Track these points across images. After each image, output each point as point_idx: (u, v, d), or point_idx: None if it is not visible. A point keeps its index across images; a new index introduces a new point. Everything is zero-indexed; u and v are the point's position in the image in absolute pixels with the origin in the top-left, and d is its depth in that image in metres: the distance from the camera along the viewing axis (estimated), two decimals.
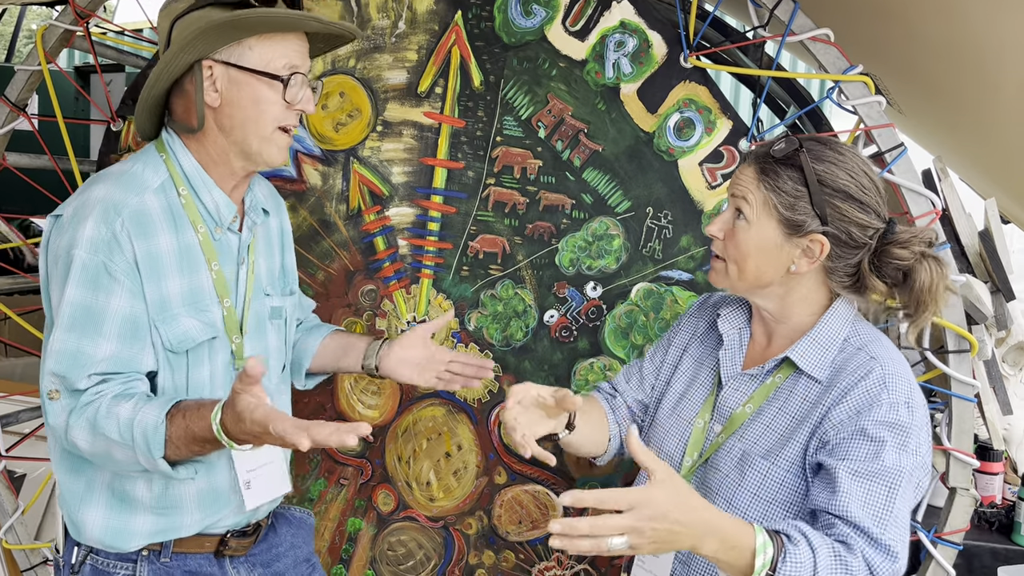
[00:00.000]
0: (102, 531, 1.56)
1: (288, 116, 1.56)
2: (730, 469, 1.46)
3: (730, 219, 1.49)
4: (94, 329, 1.45)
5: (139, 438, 1.40)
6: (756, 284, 1.49)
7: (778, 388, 1.49)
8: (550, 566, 2.28)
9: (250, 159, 1.58)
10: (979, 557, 2.39)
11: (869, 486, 1.32)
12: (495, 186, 2.20)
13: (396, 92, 2.20)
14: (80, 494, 1.57)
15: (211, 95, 1.53)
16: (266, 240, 1.73)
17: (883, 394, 1.37)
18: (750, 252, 1.47)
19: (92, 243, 1.45)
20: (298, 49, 1.56)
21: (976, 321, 1.99)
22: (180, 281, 1.53)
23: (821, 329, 1.48)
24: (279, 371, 1.75)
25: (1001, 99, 2.12)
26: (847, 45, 2.00)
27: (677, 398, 1.64)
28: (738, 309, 1.63)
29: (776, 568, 1.24)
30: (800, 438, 1.42)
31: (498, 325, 2.23)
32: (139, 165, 1.57)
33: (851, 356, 1.44)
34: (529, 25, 2.16)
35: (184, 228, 1.56)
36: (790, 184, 1.44)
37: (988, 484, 2.56)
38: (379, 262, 2.25)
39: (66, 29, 2.22)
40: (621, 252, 2.18)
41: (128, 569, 1.59)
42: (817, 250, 1.45)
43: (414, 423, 2.28)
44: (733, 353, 1.58)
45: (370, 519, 2.32)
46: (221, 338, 1.59)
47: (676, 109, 2.13)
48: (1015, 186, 2.65)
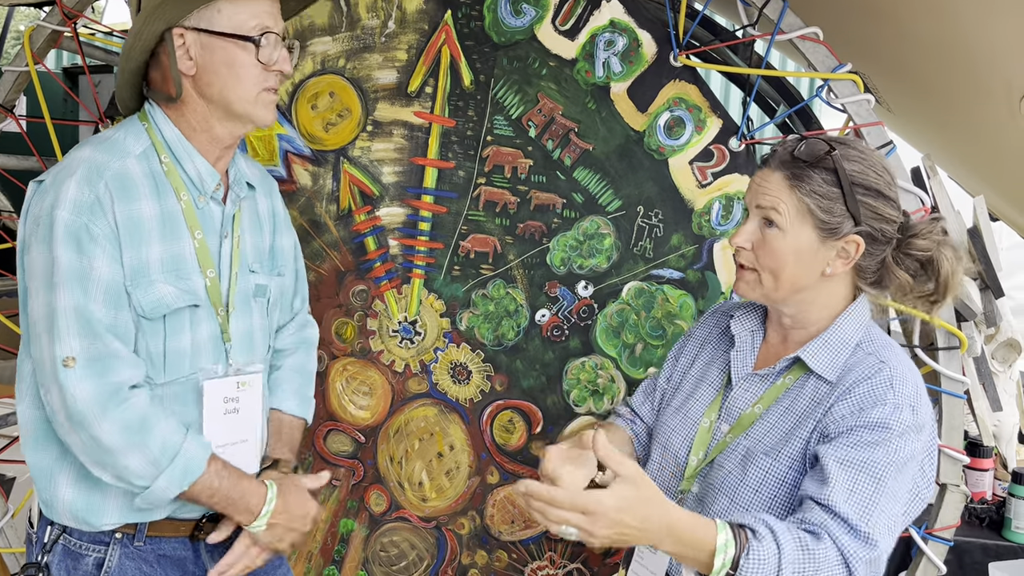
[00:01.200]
0: (73, 507, 1.54)
1: (268, 78, 1.56)
2: (733, 466, 1.46)
3: (756, 229, 1.46)
4: (83, 291, 1.45)
5: (179, 463, 1.49)
6: (792, 291, 1.47)
7: (788, 389, 1.48)
8: (543, 565, 2.28)
9: (237, 121, 1.58)
10: (970, 553, 2.40)
11: (856, 476, 1.31)
12: (486, 185, 2.20)
13: (386, 92, 2.20)
14: (48, 470, 1.55)
15: (185, 63, 1.52)
16: (253, 217, 1.72)
17: (889, 394, 1.36)
18: (787, 261, 1.44)
19: (75, 204, 1.45)
20: (268, 9, 1.55)
21: (965, 318, 2.00)
22: (161, 247, 1.53)
23: (835, 331, 1.47)
24: (265, 352, 1.74)
25: (990, 98, 2.13)
26: (836, 44, 2.00)
27: (684, 398, 1.63)
28: (751, 312, 1.62)
29: (738, 566, 1.24)
30: (802, 434, 1.41)
31: (489, 325, 2.23)
32: (121, 132, 1.57)
33: (862, 359, 1.43)
34: (519, 24, 2.16)
35: (167, 195, 1.55)
36: (825, 187, 1.42)
37: (978, 480, 2.57)
38: (370, 262, 2.25)
39: (54, 30, 2.21)
40: (612, 251, 2.18)
41: (100, 552, 1.57)
42: (853, 250, 1.44)
43: (406, 423, 2.28)
44: (745, 354, 1.57)
45: (362, 520, 2.31)
46: (205, 308, 1.58)
47: (666, 108, 2.13)
48: (1003, 184, 2.66)
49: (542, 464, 1.40)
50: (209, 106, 1.56)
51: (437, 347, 2.25)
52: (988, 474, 2.61)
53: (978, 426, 2.16)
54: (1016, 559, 2.37)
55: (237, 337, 1.64)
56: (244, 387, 1.65)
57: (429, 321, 2.24)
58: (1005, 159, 2.45)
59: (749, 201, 1.49)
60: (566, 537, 1.22)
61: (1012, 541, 2.41)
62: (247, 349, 1.67)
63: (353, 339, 2.26)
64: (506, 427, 2.25)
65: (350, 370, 2.27)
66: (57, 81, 2.78)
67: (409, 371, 2.26)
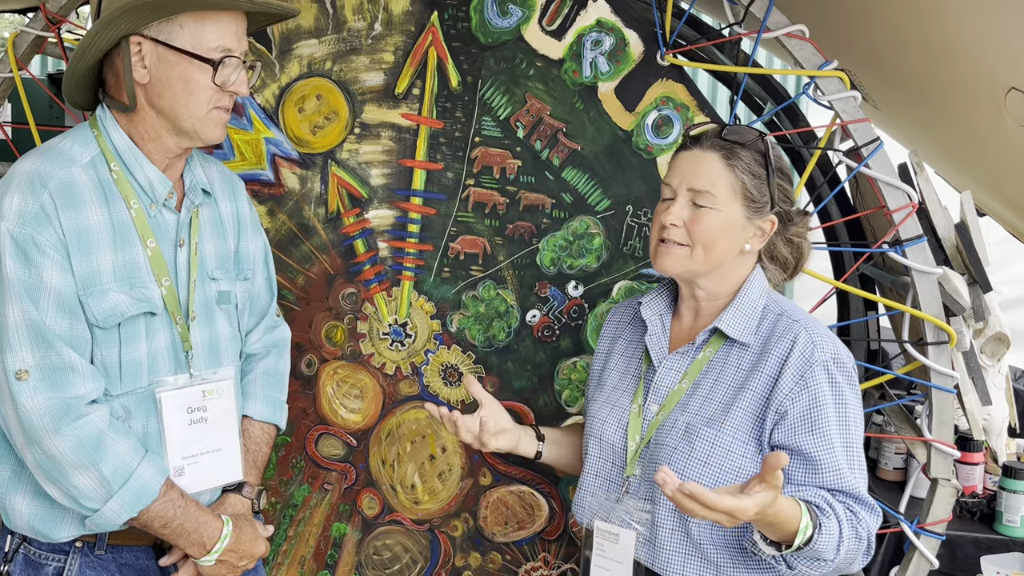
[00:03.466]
0: (31, 519, 1.53)
1: (221, 98, 1.53)
2: (677, 442, 1.52)
3: (686, 207, 1.54)
4: (33, 303, 1.43)
5: (131, 487, 1.48)
6: (716, 265, 1.56)
7: (711, 360, 1.57)
8: (536, 566, 2.28)
9: (185, 136, 1.55)
10: (962, 547, 2.41)
11: (839, 454, 1.46)
12: (475, 187, 2.20)
13: (373, 94, 2.20)
14: (6, 481, 1.54)
15: (139, 71, 1.50)
16: (215, 222, 1.69)
17: (816, 353, 1.49)
18: (719, 236, 1.54)
19: (19, 216, 1.43)
20: (232, 30, 1.52)
21: (954, 313, 2.01)
22: (113, 256, 1.50)
23: (742, 299, 1.58)
24: (236, 358, 1.72)
25: (976, 94, 2.14)
26: (822, 41, 2.01)
27: (610, 389, 1.69)
28: (658, 296, 1.70)
29: (812, 539, 1.36)
30: (744, 404, 1.50)
31: (480, 326, 2.22)
32: (68, 141, 1.54)
33: (775, 322, 1.55)
34: (505, 25, 2.15)
35: (116, 203, 1.52)
36: (756, 168, 1.54)
37: (969, 474, 2.59)
38: (359, 265, 2.24)
39: (37, 35, 2.20)
40: (602, 251, 2.18)
41: (60, 561, 1.56)
42: (767, 228, 1.57)
43: (397, 426, 2.27)
44: (659, 336, 1.65)
45: (355, 524, 2.31)
46: (162, 317, 1.55)
47: (654, 107, 2.14)
48: (990, 179, 2.68)
49: (469, 389, 1.69)
50: (159, 117, 1.53)
51: (428, 349, 2.24)
52: (979, 468, 2.62)
53: (968, 420, 2.16)
54: (1008, 552, 2.38)
55: (199, 345, 1.62)
56: (211, 395, 1.62)
57: (419, 323, 2.24)
58: (991, 154, 2.46)
59: (677, 182, 1.56)
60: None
61: (1003, 534, 2.42)
62: (211, 357, 1.64)
63: (343, 342, 2.25)
64: None
65: (341, 373, 2.26)
66: (42, 87, 2.77)
67: (400, 373, 2.25)
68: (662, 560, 1.52)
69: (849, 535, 1.40)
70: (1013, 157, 2.29)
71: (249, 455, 1.73)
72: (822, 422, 1.47)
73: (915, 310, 1.98)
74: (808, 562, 1.40)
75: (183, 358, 1.59)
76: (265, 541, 1.67)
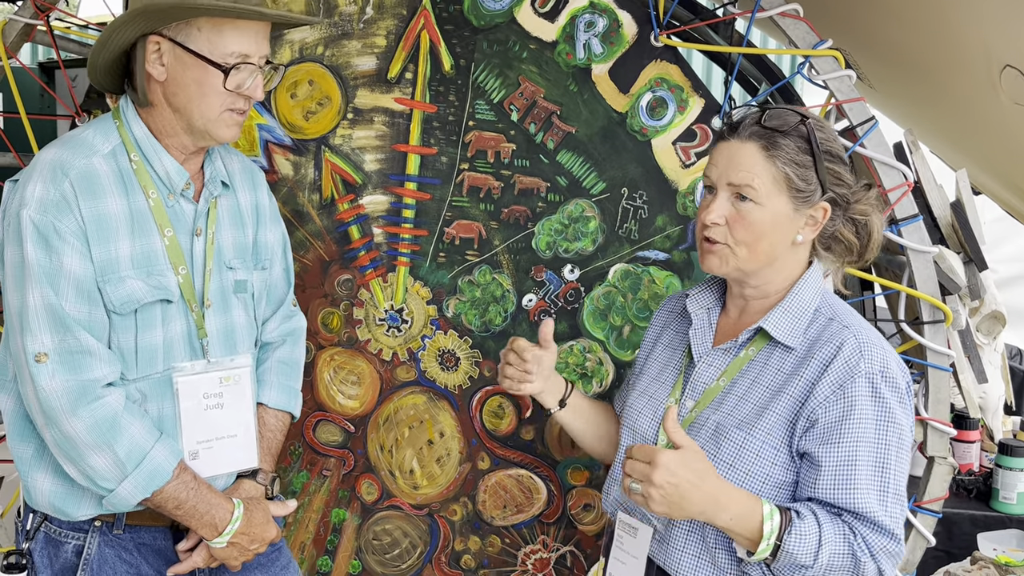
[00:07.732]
0: (51, 496, 1.57)
1: (236, 101, 1.55)
2: (705, 442, 1.46)
3: (727, 203, 1.45)
4: (53, 288, 1.47)
5: (145, 468, 1.51)
6: (767, 261, 1.47)
7: (752, 360, 1.49)
8: (536, 549, 2.28)
9: (198, 136, 1.58)
10: (959, 524, 2.43)
11: (863, 470, 1.36)
12: (469, 171, 2.19)
13: (366, 79, 2.18)
14: (29, 459, 1.59)
15: (158, 68, 1.53)
16: (233, 212, 1.72)
17: (861, 363, 1.39)
18: (764, 232, 1.44)
19: (41, 203, 1.47)
20: (251, 35, 1.54)
21: (950, 291, 2.01)
22: (131, 244, 1.54)
23: (793, 299, 1.49)
24: (252, 347, 1.74)
25: (971, 72, 2.14)
26: (816, 20, 2.00)
27: (649, 380, 1.65)
28: (707, 290, 1.63)
29: (782, 537, 1.31)
30: (778, 409, 1.43)
31: (477, 311, 2.22)
32: (90, 131, 1.58)
33: (824, 326, 1.46)
34: (498, 8, 2.14)
35: (135, 193, 1.56)
36: (800, 155, 1.43)
37: (965, 452, 2.60)
38: (354, 251, 2.23)
39: (26, 23, 2.18)
40: (597, 234, 2.18)
41: (79, 539, 1.60)
42: (820, 216, 1.46)
43: (395, 411, 2.27)
44: (703, 331, 1.59)
45: (354, 509, 2.31)
46: (178, 304, 1.59)
47: (648, 88, 2.13)
48: (985, 157, 2.67)
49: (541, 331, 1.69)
50: (175, 114, 1.57)
51: (424, 335, 2.24)
52: (975, 446, 2.63)
53: (964, 398, 2.17)
54: (1004, 529, 2.39)
55: (214, 333, 1.65)
56: (228, 382, 1.65)
57: (416, 309, 2.23)
58: (986, 132, 2.45)
59: (716, 177, 1.47)
60: (634, 494, 1.35)
61: (1000, 511, 2.44)
62: (227, 345, 1.67)
63: (340, 329, 2.25)
64: (496, 412, 2.25)
65: (337, 360, 2.26)
66: (33, 76, 2.74)
67: (397, 359, 2.25)
68: (673, 560, 1.49)
69: (836, 545, 1.33)
70: (1008, 135, 2.29)
71: (264, 442, 1.76)
72: (850, 436, 1.36)
73: (911, 289, 1.98)
74: (789, 569, 1.34)
75: (198, 345, 1.63)
76: (276, 526, 1.69)
